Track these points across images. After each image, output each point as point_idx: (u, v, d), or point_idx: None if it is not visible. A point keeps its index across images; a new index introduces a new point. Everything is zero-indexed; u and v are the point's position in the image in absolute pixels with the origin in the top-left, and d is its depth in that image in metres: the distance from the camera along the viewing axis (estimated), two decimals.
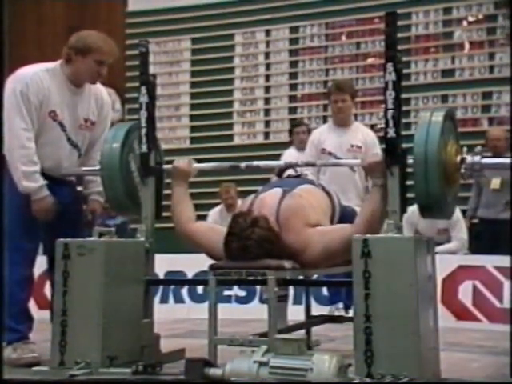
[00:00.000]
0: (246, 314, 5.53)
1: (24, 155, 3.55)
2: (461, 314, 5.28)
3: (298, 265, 3.13)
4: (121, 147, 3.47)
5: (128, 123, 3.72)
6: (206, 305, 3.17)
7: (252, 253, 3.05)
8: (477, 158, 3.01)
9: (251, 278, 3.03)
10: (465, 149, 3.07)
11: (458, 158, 3.01)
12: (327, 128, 5.51)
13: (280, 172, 3.70)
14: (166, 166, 3.54)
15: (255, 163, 3.66)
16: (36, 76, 3.62)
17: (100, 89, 3.85)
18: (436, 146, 2.89)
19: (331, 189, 3.60)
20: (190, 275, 5.73)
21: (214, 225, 4.23)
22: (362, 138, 5.28)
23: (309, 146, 5.41)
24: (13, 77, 3.59)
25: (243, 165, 3.56)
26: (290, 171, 3.97)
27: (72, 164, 3.73)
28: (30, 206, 3.58)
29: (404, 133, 2.99)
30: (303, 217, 3.19)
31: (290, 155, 6.36)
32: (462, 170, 3.00)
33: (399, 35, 2.99)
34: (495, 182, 6.40)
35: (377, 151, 5.20)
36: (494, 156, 6.28)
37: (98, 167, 3.56)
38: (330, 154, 5.19)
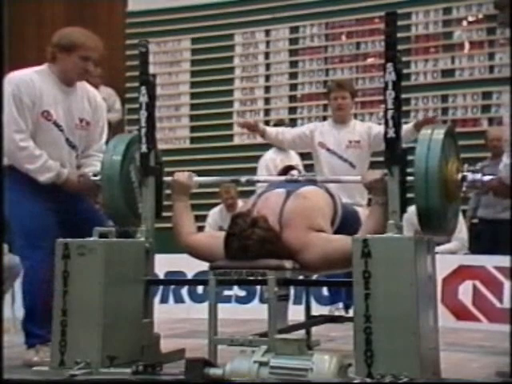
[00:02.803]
0: (246, 313, 5.53)
1: (24, 156, 3.56)
2: (461, 313, 5.28)
3: (298, 265, 3.13)
4: (121, 159, 3.44)
5: (129, 134, 3.71)
6: (206, 305, 3.17)
7: (253, 253, 3.05)
8: (478, 176, 3.00)
9: (251, 277, 3.03)
10: (466, 166, 3.05)
11: (459, 176, 3.00)
12: (326, 125, 5.49)
13: (283, 172, 3.70)
14: (166, 179, 3.52)
15: (255, 178, 3.69)
16: (26, 77, 3.63)
17: (92, 91, 3.86)
18: (437, 165, 2.88)
19: (334, 191, 3.59)
20: (190, 275, 5.73)
21: (214, 232, 4.23)
22: (362, 129, 5.25)
23: (301, 129, 5.45)
24: (5, 80, 3.57)
25: (244, 179, 3.58)
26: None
27: (72, 165, 3.74)
28: (42, 205, 3.59)
29: None
30: (307, 219, 3.20)
31: (269, 159, 6.29)
32: (464, 188, 3.00)
33: (399, 35, 2.99)
34: None
35: (379, 130, 5.18)
36: (494, 156, 6.29)
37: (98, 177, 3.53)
38: (329, 150, 5.20)
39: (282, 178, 3.90)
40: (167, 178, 3.52)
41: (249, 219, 3.11)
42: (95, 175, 3.55)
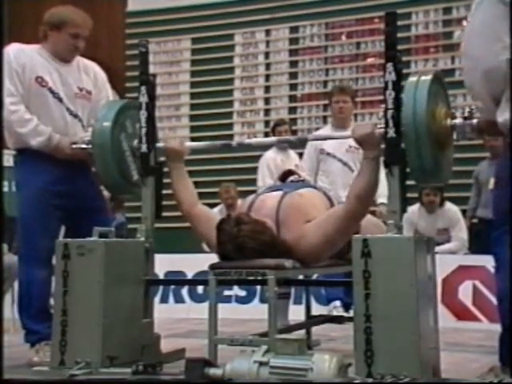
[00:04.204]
0: (246, 313, 5.53)
1: (15, 119, 3.55)
2: (461, 313, 5.28)
3: (298, 263, 3.13)
4: (112, 126, 3.42)
5: (119, 101, 3.70)
6: (206, 305, 3.17)
7: (248, 248, 3.04)
8: (467, 121, 2.95)
9: (251, 277, 3.03)
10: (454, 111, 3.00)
11: (449, 122, 2.95)
12: (326, 129, 5.58)
13: (283, 176, 3.72)
14: (159, 145, 3.49)
15: (247, 141, 3.73)
16: (18, 46, 3.67)
17: (89, 62, 3.85)
18: (424, 115, 2.82)
19: (331, 193, 3.60)
20: (190, 275, 5.73)
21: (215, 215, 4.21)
22: None
23: (308, 147, 5.44)
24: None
25: (235, 143, 3.62)
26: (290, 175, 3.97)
27: (77, 136, 3.67)
28: (46, 202, 3.58)
29: None
30: (303, 215, 3.19)
31: (270, 158, 6.30)
32: (454, 136, 2.96)
33: (399, 35, 2.99)
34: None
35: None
36: (493, 156, 6.28)
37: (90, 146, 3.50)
38: (329, 154, 5.27)
39: (274, 139, 3.82)
40: (160, 145, 3.49)
41: (231, 221, 3.11)
42: (87, 144, 3.51)
